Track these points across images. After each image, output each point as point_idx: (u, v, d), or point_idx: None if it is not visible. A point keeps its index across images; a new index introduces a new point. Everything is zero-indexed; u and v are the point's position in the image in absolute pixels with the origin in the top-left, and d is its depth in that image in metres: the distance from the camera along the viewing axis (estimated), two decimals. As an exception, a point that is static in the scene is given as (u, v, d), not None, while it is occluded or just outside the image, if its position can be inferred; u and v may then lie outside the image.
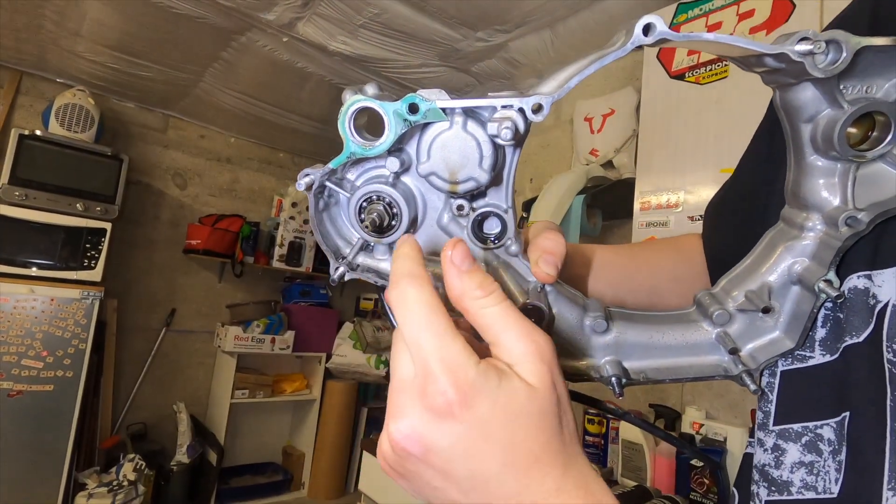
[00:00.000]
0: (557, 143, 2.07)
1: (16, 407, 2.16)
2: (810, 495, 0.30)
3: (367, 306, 3.75)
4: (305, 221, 3.39)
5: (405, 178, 0.32)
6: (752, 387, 0.31)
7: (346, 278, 0.34)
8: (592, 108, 1.80)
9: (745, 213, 0.34)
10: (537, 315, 0.32)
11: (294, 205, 3.33)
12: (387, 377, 3.38)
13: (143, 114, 3.06)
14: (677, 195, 1.33)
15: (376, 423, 3.58)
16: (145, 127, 3.08)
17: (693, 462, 1.31)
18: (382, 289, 0.34)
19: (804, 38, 0.26)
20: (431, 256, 0.34)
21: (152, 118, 3.10)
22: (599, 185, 1.70)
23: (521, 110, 0.28)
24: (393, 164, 0.30)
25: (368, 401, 3.61)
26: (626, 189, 1.54)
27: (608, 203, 1.73)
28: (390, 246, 0.33)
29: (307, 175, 0.30)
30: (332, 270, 0.33)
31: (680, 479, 1.34)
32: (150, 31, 2.11)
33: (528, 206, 1.82)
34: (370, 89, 0.29)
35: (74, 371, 2.31)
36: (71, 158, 2.40)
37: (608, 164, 1.73)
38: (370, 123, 0.30)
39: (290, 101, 2.71)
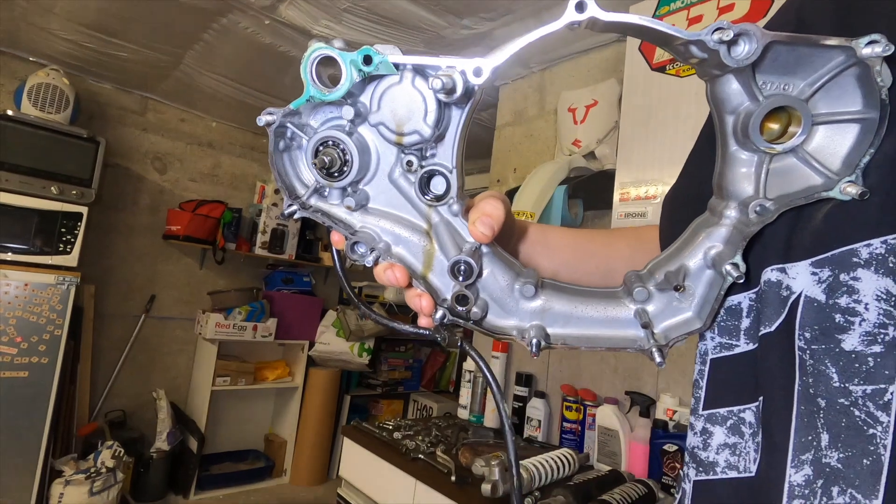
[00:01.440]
0: (541, 134, 2.08)
1: (-11, 393, 2.12)
2: (733, 474, 0.33)
3: (350, 294, 3.74)
4: (279, 215, 3.36)
5: (362, 131, 0.35)
6: (658, 359, 0.33)
7: (297, 216, 0.36)
8: (576, 98, 1.80)
9: (694, 206, 0.36)
10: (467, 271, 0.34)
11: (277, 191, 3.29)
12: (370, 365, 3.39)
13: (121, 95, 2.98)
14: (656, 187, 1.35)
15: (359, 410, 3.59)
16: (123, 109, 3.00)
17: (665, 448, 1.35)
18: (329, 230, 0.36)
19: (719, 28, 0.27)
20: (373, 207, 0.36)
21: (130, 100, 3.02)
22: (581, 175, 1.72)
23: (463, 72, 0.30)
24: (348, 112, 0.33)
25: (351, 388, 3.62)
26: (606, 180, 1.56)
27: (589, 193, 1.74)
28: (342, 190, 0.36)
29: (270, 114, 0.32)
30: (284, 207, 0.36)
31: (653, 464, 1.38)
32: (128, 10, 2.05)
33: (511, 195, 1.82)
34: (337, 42, 0.31)
35: (50, 357, 2.27)
36: (45, 140, 2.33)
37: (590, 155, 1.74)
38: (334, 77, 0.32)
39: (274, 86, 2.67)
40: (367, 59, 0.30)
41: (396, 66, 0.31)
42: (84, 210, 2.41)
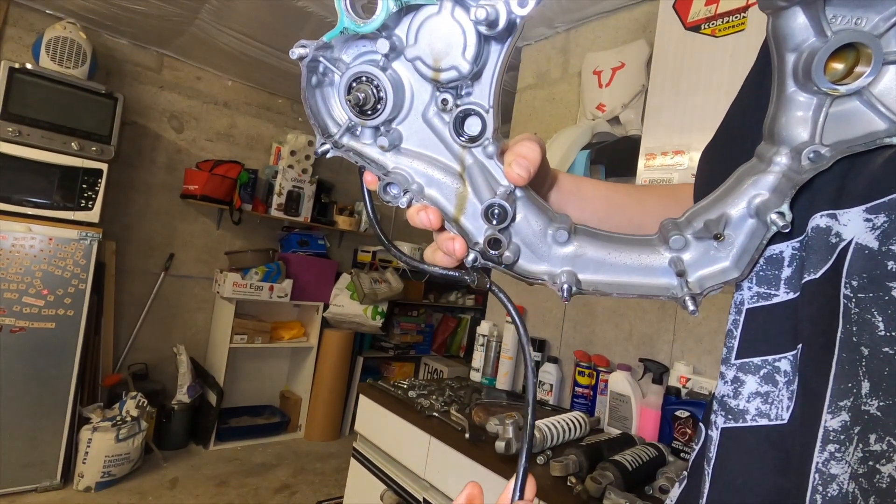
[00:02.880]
0: (564, 97, 2.03)
1: (19, 343, 2.21)
2: (763, 422, 0.33)
3: (364, 258, 3.78)
4: (304, 171, 3.35)
5: (397, 67, 0.33)
6: (692, 307, 0.32)
7: (330, 155, 0.34)
8: (602, 60, 1.74)
9: (735, 158, 0.35)
10: (501, 214, 0.34)
11: (293, 153, 3.28)
12: (383, 328, 3.45)
13: (138, 51, 2.95)
14: (683, 154, 1.31)
15: (371, 371, 3.68)
16: (140, 66, 2.98)
17: (677, 414, 1.37)
18: (362, 169, 0.35)
19: None
20: (406, 147, 0.35)
21: (147, 57, 3.00)
22: (604, 141, 1.68)
23: (507, 2, 0.28)
24: (383, 45, 0.31)
25: (364, 350, 3.70)
26: (631, 146, 1.52)
27: (612, 160, 1.71)
28: (375, 129, 0.34)
29: (302, 46, 0.31)
30: (317, 145, 0.34)
31: (664, 428, 1.40)
32: (143, -39, 2.00)
33: (530, 160, 1.80)
34: None
35: (75, 310, 2.34)
36: (64, 95, 2.33)
37: (615, 121, 1.70)
38: (369, 7, 0.30)
39: (290, 43, 2.57)
40: None
41: None
42: (104, 167, 2.43)
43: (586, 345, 1.77)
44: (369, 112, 0.33)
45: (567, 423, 1.34)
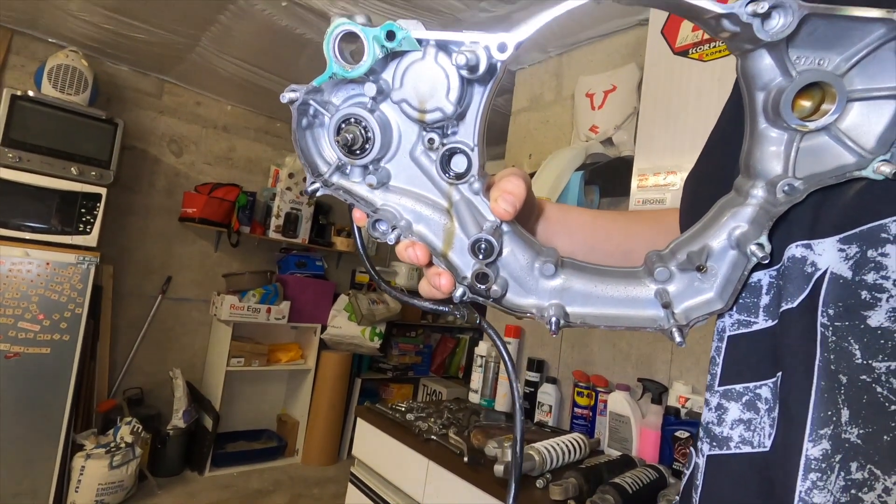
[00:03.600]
0: (558, 119, 2.06)
1: (14, 368, 2.19)
2: (746, 449, 0.33)
3: (362, 279, 3.77)
4: (302, 192, 3.37)
5: (385, 109, 0.34)
6: (678, 339, 0.33)
7: (320, 193, 0.36)
8: (594, 84, 1.78)
9: (716, 187, 0.36)
10: (488, 249, 0.34)
11: (291, 175, 3.31)
12: (381, 350, 3.43)
13: (138, 78, 3.00)
14: (675, 174, 1.33)
15: (369, 393, 3.64)
16: (140, 92, 3.02)
17: (677, 434, 1.36)
18: (351, 207, 0.37)
19: (752, 1, 0.27)
20: (395, 185, 0.36)
21: (147, 83, 3.04)
22: (598, 161, 1.70)
23: (487, 48, 0.30)
24: (370, 89, 0.32)
25: (363, 372, 3.67)
26: (624, 166, 1.54)
27: (606, 180, 1.73)
28: (364, 168, 0.36)
29: (293, 91, 0.32)
30: (307, 184, 0.36)
31: (664, 450, 1.39)
32: (145, -9, 2.05)
33: (526, 181, 1.82)
34: (360, 17, 0.31)
35: (71, 335, 2.32)
36: (65, 121, 2.36)
37: (608, 142, 1.73)
38: (357, 53, 0.32)
39: (289, 70, 2.67)
40: (390, 35, 0.30)
41: (420, 41, 0.31)
42: (103, 191, 2.45)
43: (585, 365, 1.77)
44: (358, 152, 0.34)
45: (566, 445, 1.33)
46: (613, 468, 1.21)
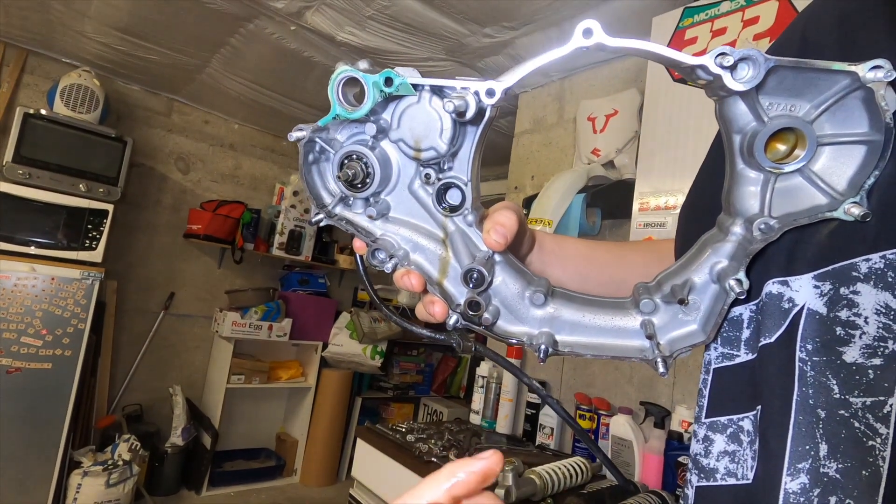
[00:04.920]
0: (560, 142, 2.09)
1: (14, 384, 2.19)
2: (731, 481, 0.33)
3: (364, 297, 3.77)
4: (306, 210, 3.40)
5: (385, 146, 0.37)
6: (661, 370, 0.33)
7: (323, 223, 0.38)
8: (596, 107, 1.81)
9: (707, 220, 0.37)
10: (479, 278, 0.36)
11: (295, 193, 3.34)
12: (382, 368, 3.42)
13: (148, 97, 3.06)
14: (675, 197, 1.35)
15: (370, 413, 3.61)
16: (150, 110, 3.08)
17: (680, 460, 1.34)
18: (352, 237, 0.39)
19: (721, 53, 0.28)
20: (394, 216, 0.39)
21: (157, 102, 3.10)
22: (600, 184, 1.72)
23: (477, 93, 0.32)
24: (371, 128, 0.36)
25: (363, 390, 3.64)
26: (625, 189, 1.56)
27: (608, 203, 1.74)
28: (365, 200, 0.38)
29: (300, 130, 0.35)
30: (312, 215, 0.38)
31: (667, 475, 1.37)
32: (159, 14, 2.11)
33: (528, 202, 1.83)
34: (362, 64, 0.34)
35: (73, 350, 2.33)
36: (75, 139, 2.41)
37: (609, 165, 1.75)
38: (359, 96, 0.34)
39: (296, 90, 2.72)
40: (388, 81, 0.33)
41: (415, 87, 0.33)
42: (110, 207, 2.48)
43: (586, 387, 1.76)
44: (359, 185, 0.37)
45: (568, 470, 1.31)
46: (616, 494, 1.20)
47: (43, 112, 2.34)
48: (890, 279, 0.27)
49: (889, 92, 0.28)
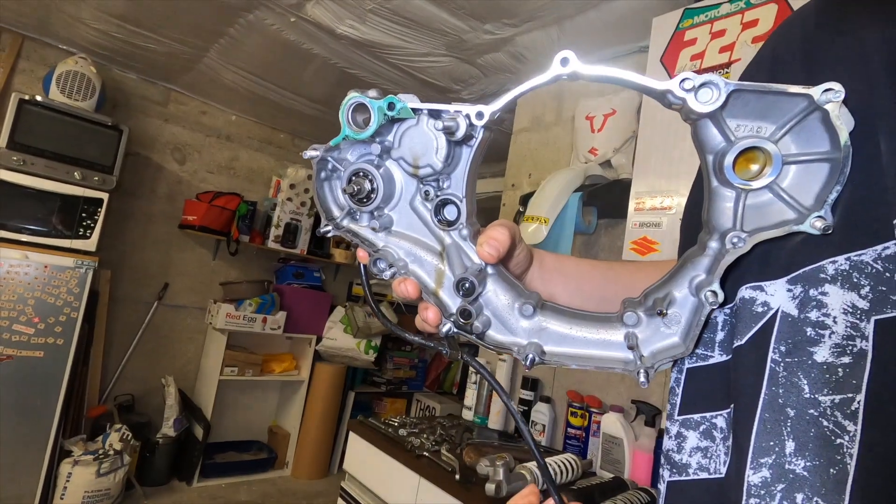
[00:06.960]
0: (557, 141, 2.09)
1: (5, 371, 2.17)
2: (704, 475, 0.35)
3: (359, 291, 3.77)
4: (302, 203, 3.40)
5: (390, 166, 0.41)
6: (642, 380, 0.35)
7: (331, 234, 0.42)
8: (594, 107, 1.81)
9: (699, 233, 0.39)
10: (469, 288, 0.38)
11: (292, 186, 3.33)
12: (375, 363, 3.42)
13: (145, 86, 3.04)
14: (671, 198, 1.35)
15: (362, 407, 3.62)
16: (146, 99, 3.06)
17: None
18: (356, 247, 0.42)
19: (685, 79, 0.31)
20: (396, 229, 0.42)
21: (154, 91, 3.08)
22: (597, 183, 1.73)
23: (467, 116, 0.36)
24: (376, 148, 0.40)
25: (356, 385, 3.65)
26: (622, 189, 1.56)
27: (604, 202, 1.75)
28: (371, 214, 0.42)
29: (314, 150, 0.39)
30: (322, 226, 0.42)
31: (656, 473, 1.38)
32: (157, 2, 2.09)
33: (525, 200, 1.84)
34: (372, 92, 0.38)
35: (65, 339, 2.32)
36: (70, 126, 2.39)
37: (606, 164, 1.75)
38: (367, 119, 0.38)
39: (294, 82, 2.71)
40: (391, 106, 0.37)
41: (414, 110, 0.37)
42: (105, 196, 2.46)
43: (579, 384, 1.77)
44: (364, 200, 0.40)
45: (558, 466, 1.32)
46: (606, 490, 1.21)
47: (38, 98, 2.32)
48: (855, 279, 0.29)
49: (843, 111, 0.29)
